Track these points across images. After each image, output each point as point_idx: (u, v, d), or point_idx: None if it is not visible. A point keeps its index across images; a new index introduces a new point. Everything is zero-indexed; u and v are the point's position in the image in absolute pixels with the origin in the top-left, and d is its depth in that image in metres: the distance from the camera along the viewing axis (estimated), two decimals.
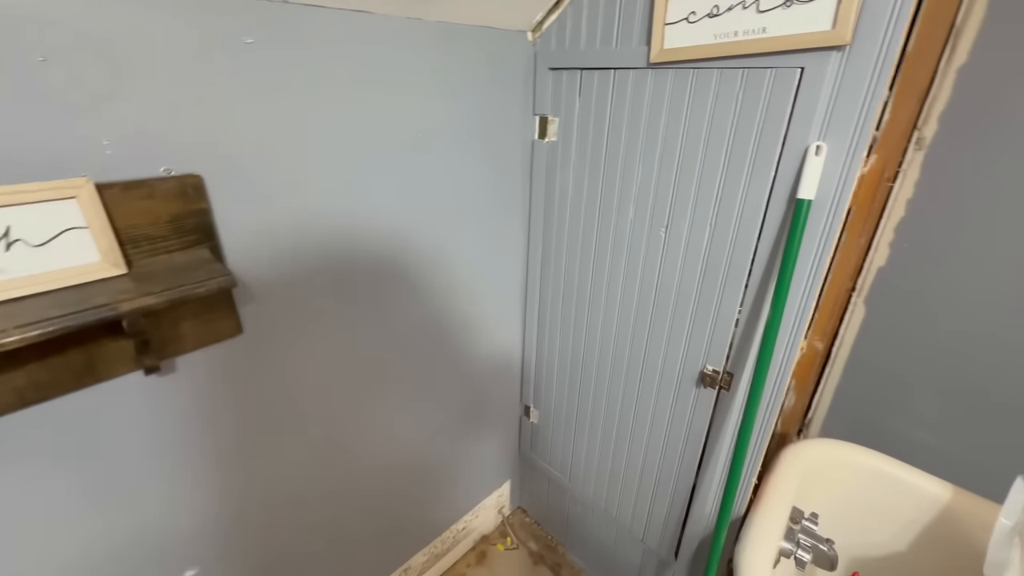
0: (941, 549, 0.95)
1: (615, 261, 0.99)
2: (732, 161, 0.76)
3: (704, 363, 0.89)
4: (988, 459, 1.00)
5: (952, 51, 1.18)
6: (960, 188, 1.22)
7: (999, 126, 1.14)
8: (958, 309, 1.28)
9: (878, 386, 1.48)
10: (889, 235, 1.37)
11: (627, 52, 0.85)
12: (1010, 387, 1.26)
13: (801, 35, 0.65)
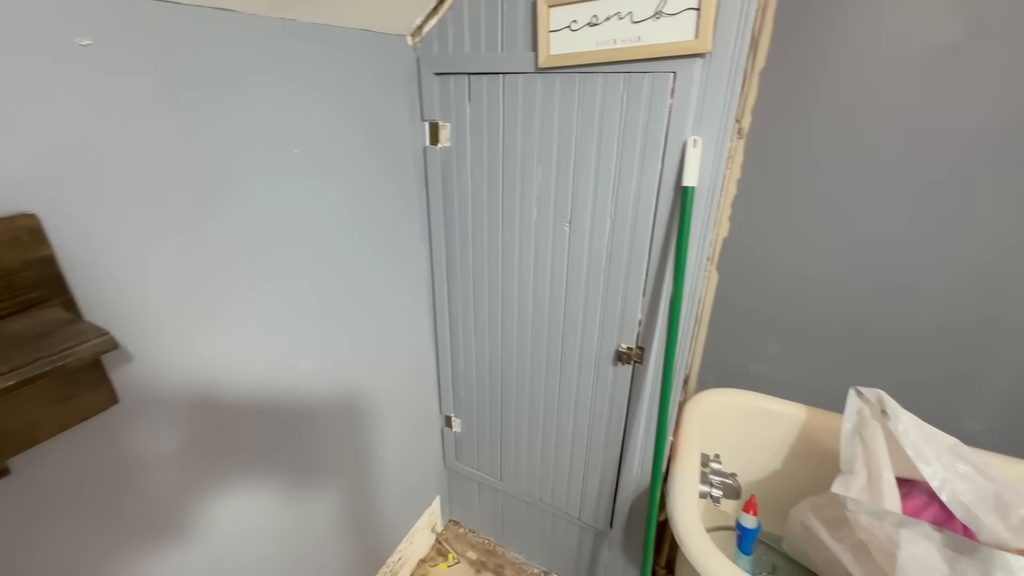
0: (807, 458, 1.17)
1: (524, 259, 1.02)
2: (624, 156, 0.84)
3: (618, 342, 0.97)
4: (827, 380, 1.25)
5: (755, 58, 1.44)
6: (772, 165, 1.50)
7: (792, 115, 1.43)
8: (785, 263, 1.58)
9: (735, 337, 1.76)
10: (728, 210, 1.63)
11: (514, 57, 0.88)
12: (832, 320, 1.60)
13: (671, 44, 0.74)
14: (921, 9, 1.22)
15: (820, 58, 1.36)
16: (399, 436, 1.21)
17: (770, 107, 1.46)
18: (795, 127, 1.45)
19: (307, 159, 0.81)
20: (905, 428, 0.92)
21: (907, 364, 1.52)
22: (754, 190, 1.57)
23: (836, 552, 0.90)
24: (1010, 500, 0.83)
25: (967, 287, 1.38)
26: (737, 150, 1.56)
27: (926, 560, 0.74)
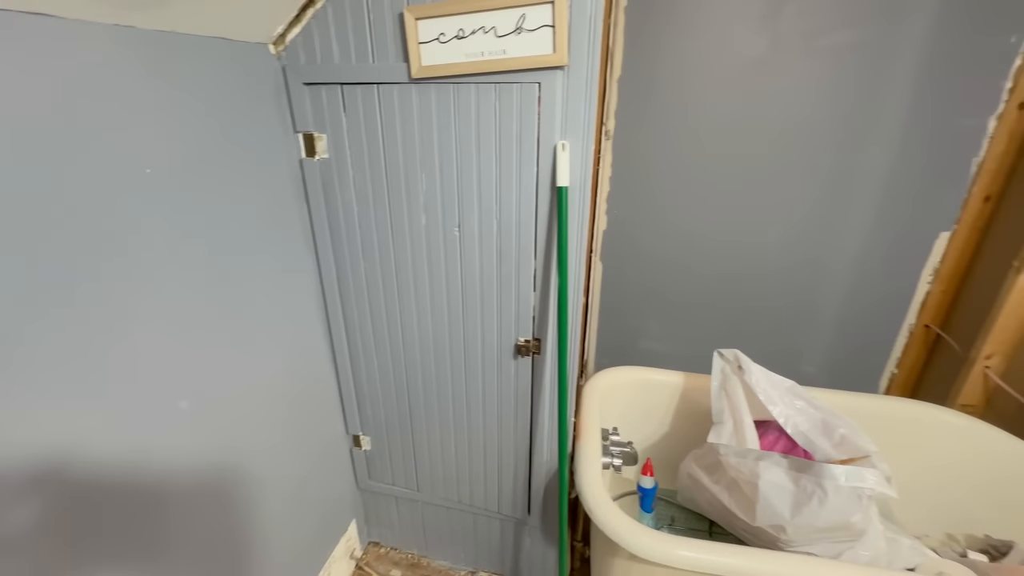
0: (690, 417, 1.34)
1: (417, 266, 1.03)
2: (502, 161, 0.89)
3: (516, 336, 1.02)
4: (699, 347, 1.43)
5: (612, 67, 1.60)
6: (636, 163, 1.69)
7: (646, 117, 1.62)
8: (656, 249, 1.77)
9: (623, 320, 1.93)
10: (604, 206, 1.78)
11: (386, 68, 0.88)
12: (696, 295, 1.82)
13: (533, 57, 0.80)
14: (734, 29, 1.46)
15: (662, 68, 1.55)
16: (301, 468, 1.14)
17: (630, 111, 1.64)
18: (650, 128, 1.64)
19: (162, 178, 0.73)
20: (756, 379, 1.10)
21: (756, 325, 1.80)
22: (625, 186, 1.74)
23: (716, 493, 1.04)
24: (832, 423, 1.04)
25: (792, 255, 1.68)
26: (606, 151, 1.72)
27: (778, 483, 0.90)
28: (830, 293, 1.68)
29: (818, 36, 1.41)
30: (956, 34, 1.33)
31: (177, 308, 0.78)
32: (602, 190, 1.74)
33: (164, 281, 0.75)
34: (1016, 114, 1.35)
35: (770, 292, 1.72)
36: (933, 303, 1.60)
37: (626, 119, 1.62)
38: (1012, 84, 1.35)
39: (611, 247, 1.81)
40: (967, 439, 1.17)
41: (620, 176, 1.70)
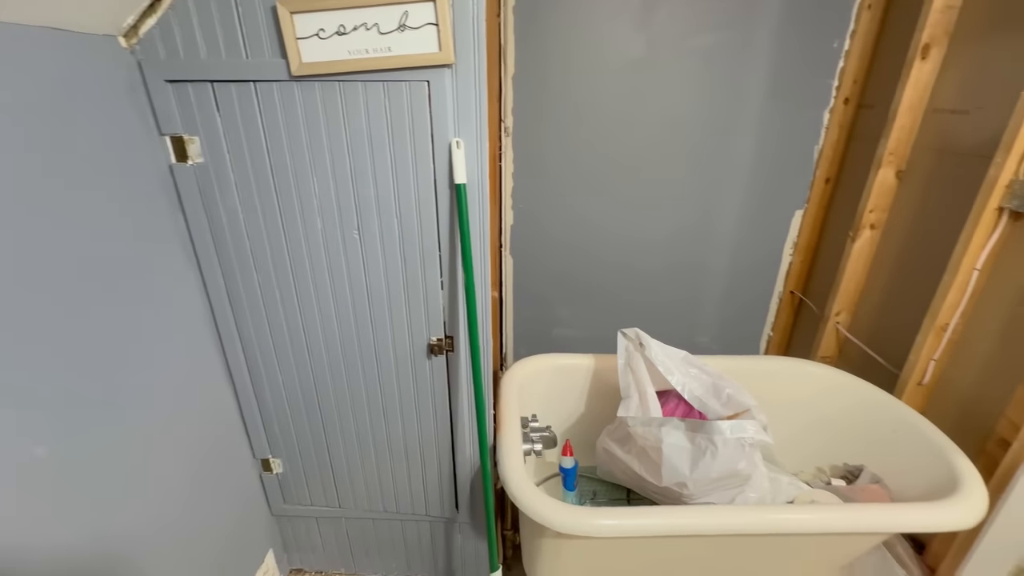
0: (602, 396, 1.42)
1: (318, 273, 0.98)
2: (398, 160, 0.88)
3: (428, 336, 1.02)
4: (606, 329, 1.51)
5: (505, 65, 1.64)
6: (536, 158, 1.75)
7: (541, 113, 1.68)
8: (561, 239, 1.85)
9: (537, 310, 2.00)
10: (510, 201, 1.83)
11: (263, 64, 0.83)
12: (600, 280, 1.93)
13: (419, 55, 0.80)
14: (613, 30, 1.56)
15: (552, 66, 1.62)
16: (201, 505, 1.04)
17: (526, 108, 1.69)
18: (545, 124, 1.71)
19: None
20: (655, 353, 1.20)
21: (654, 302, 1.95)
22: (527, 181, 1.79)
23: (628, 462, 1.12)
24: (720, 385, 1.16)
25: (678, 241, 1.84)
26: (507, 147, 1.75)
27: (678, 444, 0.99)
28: (712, 272, 1.87)
29: (687, 38, 1.56)
30: (794, 39, 1.54)
31: (19, 361, 0.67)
32: (506, 186, 1.78)
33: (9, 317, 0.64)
34: (843, 108, 1.60)
35: (663, 275, 1.88)
36: (795, 272, 1.85)
37: (524, 116, 1.67)
38: (838, 82, 1.59)
39: (520, 241, 1.86)
40: (825, 385, 1.37)
41: (523, 172, 1.75)
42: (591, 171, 1.72)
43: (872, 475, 1.20)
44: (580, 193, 1.76)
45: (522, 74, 1.61)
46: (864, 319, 1.60)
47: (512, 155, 1.74)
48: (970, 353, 1.24)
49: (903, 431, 1.19)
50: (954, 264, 1.20)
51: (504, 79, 1.63)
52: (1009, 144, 1.07)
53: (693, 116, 1.63)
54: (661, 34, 1.54)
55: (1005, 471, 1.11)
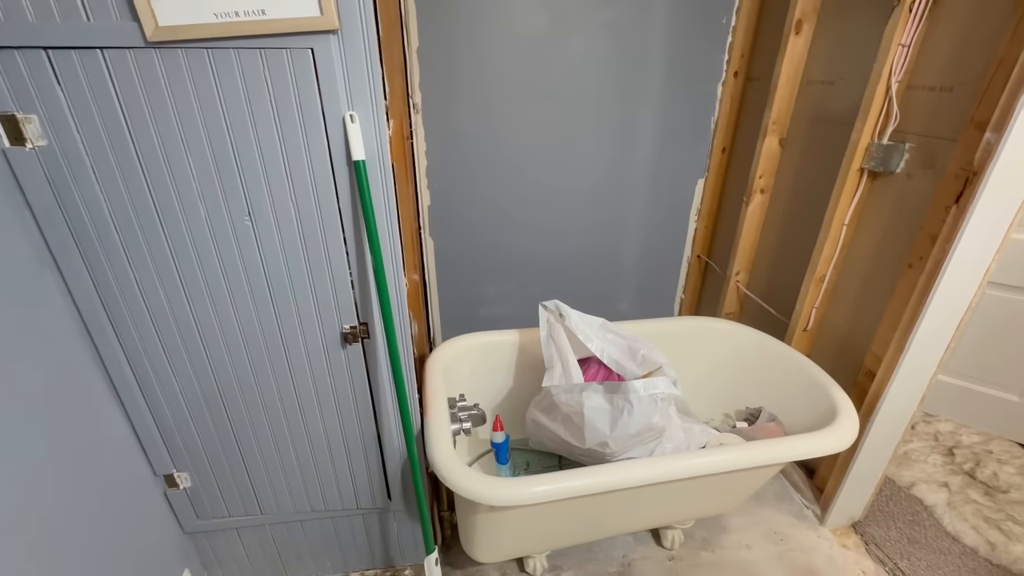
0: (529, 369, 1.44)
1: (207, 265, 0.89)
2: (286, 136, 0.81)
3: (340, 325, 0.96)
4: (532, 303, 1.52)
5: (409, 38, 1.57)
6: (448, 134, 1.70)
7: (449, 87, 1.64)
8: (482, 216, 1.84)
9: (462, 290, 1.98)
10: (425, 180, 1.77)
11: (110, 28, 0.71)
12: (522, 255, 1.95)
13: (298, 19, 0.73)
14: (522, 7, 1.55)
15: (460, 40, 1.58)
16: (95, 542, 0.93)
17: (435, 84, 1.63)
18: (455, 99, 1.66)
19: None
20: (574, 322, 1.23)
21: (575, 276, 2.01)
22: (441, 158, 1.75)
23: (555, 430, 1.16)
24: (635, 347, 1.23)
25: (594, 211, 1.89)
26: (418, 124, 1.69)
27: (598, 406, 1.03)
28: (627, 241, 1.96)
29: (588, 14, 1.58)
30: (687, 15, 1.61)
31: None
32: (420, 165, 1.72)
33: None
34: (733, 81, 1.71)
35: (582, 246, 1.93)
36: (700, 237, 1.98)
37: (434, 92, 1.62)
38: (728, 57, 1.69)
39: (439, 220, 1.82)
40: (729, 338, 1.50)
41: (436, 150, 1.70)
42: (505, 146, 1.71)
43: (769, 414, 1.34)
44: (495, 169, 1.75)
45: (428, 49, 1.55)
46: (759, 276, 1.76)
47: (423, 132, 1.68)
48: (843, 299, 1.41)
49: (792, 372, 1.33)
50: (827, 221, 1.35)
51: (409, 53, 1.56)
52: (866, 111, 1.20)
53: (599, 89, 1.67)
54: (564, 10, 1.54)
55: (872, 398, 1.28)
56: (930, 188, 1.11)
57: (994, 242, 1.06)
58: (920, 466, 1.63)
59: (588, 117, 1.69)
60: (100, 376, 0.96)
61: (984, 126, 0.97)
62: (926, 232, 1.11)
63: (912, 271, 1.15)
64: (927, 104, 1.11)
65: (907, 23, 1.08)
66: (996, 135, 0.95)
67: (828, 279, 1.41)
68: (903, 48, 1.11)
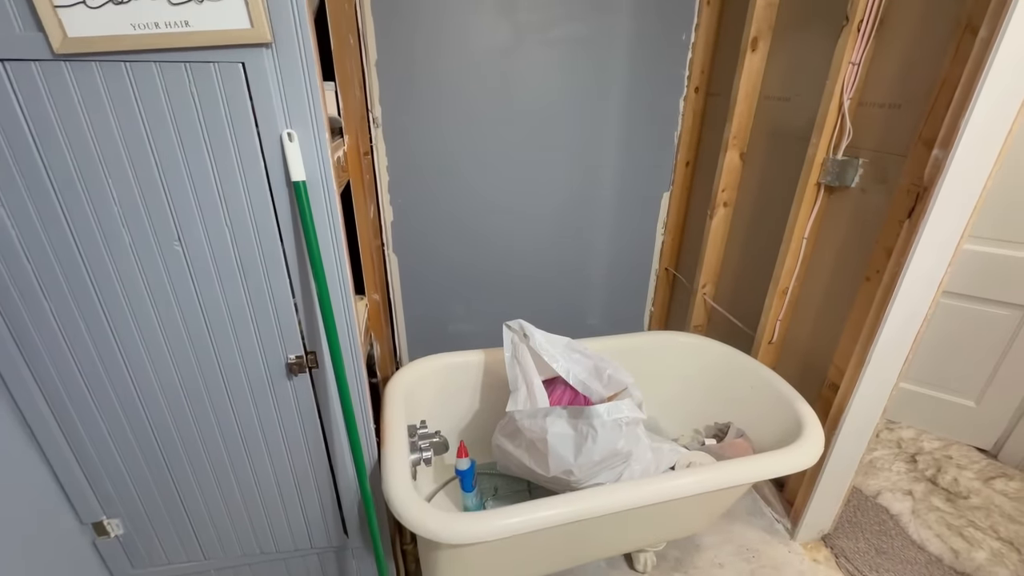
0: (496, 390, 1.40)
1: (134, 296, 0.82)
2: (217, 156, 0.75)
3: (285, 355, 0.90)
4: (500, 320, 1.48)
5: (367, 51, 1.52)
6: (411, 149, 1.66)
7: (411, 101, 1.60)
8: (447, 231, 1.79)
9: (430, 308, 1.93)
10: (388, 196, 1.72)
11: (12, 39, 0.65)
12: (491, 271, 1.91)
13: (227, 31, 0.68)
14: (477, 19, 1.52)
15: (419, 54, 1.54)
16: None
17: (395, 97, 1.59)
18: (417, 114, 1.62)
19: None
20: (539, 342, 1.20)
21: (544, 293, 1.98)
22: (403, 174, 1.70)
23: (519, 457, 1.11)
24: (601, 367, 1.20)
25: (561, 226, 1.87)
26: (378, 139, 1.64)
27: (562, 432, 1.00)
28: (595, 255, 1.94)
29: (550, 28, 1.57)
30: (648, 31, 1.61)
31: None
32: (382, 180, 1.67)
33: None
34: (694, 96, 1.72)
35: (550, 261, 1.90)
36: (667, 250, 1.98)
37: (393, 106, 1.58)
38: (688, 72, 1.70)
39: (403, 237, 1.77)
40: (696, 352, 1.49)
41: (398, 165, 1.65)
42: (469, 160, 1.68)
43: (737, 430, 1.32)
44: (461, 183, 1.71)
45: (387, 62, 1.51)
46: (725, 288, 1.76)
47: (384, 148, 1.63)
48: (805, 312, 1.41)
49: (759, 386, 1.33)
50: (788, 234, 1.36)
51: (367, 67, 1.51)
52: (821, 127, 1.21)
53: (563, 104, 1.66)
54: (524, 26, 1.53)
55: (836, 410, 1.28)
56: (884, 202, 1.13)
57: (946, 254, 1.08)
58: (885, 474, 1.65)
59: (553, 131, 1.68)
60: (12, 417, 0.87)
61: (932, 143, 0.99)
62: (881, 246, 1.12)
63: (870, 284, 1.16)
64: (878, 121, 1.13)
65: (856, 42, 1.10)
66: (943, 151, 0.96)
67: (791, 292, 1.42)
68: (853, 66, 1.13)
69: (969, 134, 0.93)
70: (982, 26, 0.88)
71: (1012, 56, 0.87)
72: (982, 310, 1.64)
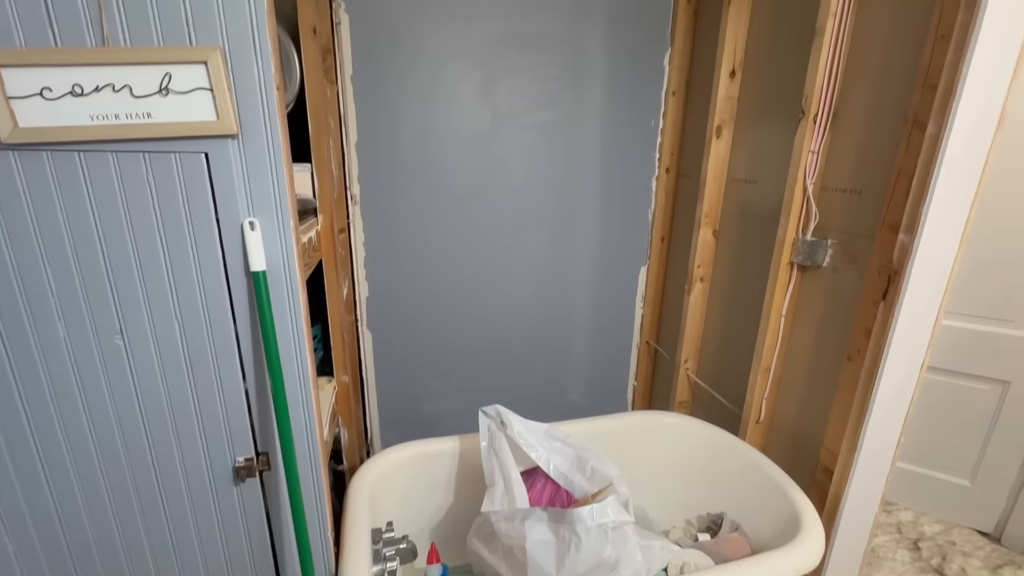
0: (472, 482, 1.29)
1: (63, 396, 0.73)
2: (171, 245, 0.71)
3: (233, 458, 0.81)
4: (480, 398, 1.39)
5: (347, 134, 1.55)
6: (388, 225, 1.66)
7: (391, 180, 1.61)
8: (424, 306, 1.75)
9: (404, 385, 1.83)
10: (363, 271, 1.69)
11: None
12: (470, 347, 1.85)
13: (191, 123, 0.66)
14: (459, 105, 1.59)
15: (401, 135, 1.58)
16: None
17: (372, 175, 1.61)
18: (397, 192, 1.64)
19: None
20: (517, 430, 1.12)
21: (525, 365, 1.92)
22: (380, 250, 1.68)
23: (495, 565, 1.00)
24: (584, 457, 1.12)
25: (541, 301, 1.85)
26: (356, 216, 1.64)
27: (543, 539, 0.90)
28: (575, 330, 1.91)
29: (528, 114, 1.64)
30: (620, 116, 1.70)
31: None
32: (358, 256, 1.65)
33: None
34: (666, 176, 1.78)
35: (529, 336, 1.86)
36: (648, 324, 1.97)
37: (372, 184, 1.59)
38: (659, 155, 1.78)
39: (378, 312, 1.71)
40: (682, 434, 1.42)
41: (374, 240, 1.64)
42: (446, 237, 1.68)
43: (732, 523, 1.23)
44: (438, 259, 1.70)
45: (367, 143, 1.54)
46: (708, 363, 1.73)
47: (362, 224, 1.63)
48: (790, 390, 1.38)
49: (750, 472, 1.25)
50: (766, 312, 1.35)
51: (347, 148, 1.54)
52: (788, 209, 1.24)
53: (540, 184, 1.70)
54: (503, 111, 1.60)
55: (833, 500, 1.20)
56: (857, 281, 1.14)
57: (925, 335, 1.07)
58: (890, 564, 1.54)
59: (530, 208, 1.70)
60: None
61: (896, 227, 1.01)
62: (860, 326, 1.11)
63: (852, 364, 1.14)
64: (842, 204, 1.17)
65: (813, 133, 1.16)
66: (909, 236, 0.99)
67: (774, 370, 1.39)
68: (813, 154, 1.18)
69: (931, 221, 0.96)
70: (929, 122, 0.94)
71: (962, 150, 0.92)
72: (964, 385, 1.64)
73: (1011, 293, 1.53)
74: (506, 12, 1.51)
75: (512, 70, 1.56)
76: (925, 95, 0.94)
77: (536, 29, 1.54)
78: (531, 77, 1.58)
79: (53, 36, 0.62)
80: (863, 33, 1.09)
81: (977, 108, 0.89)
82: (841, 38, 1.10)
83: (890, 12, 1.03)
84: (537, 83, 1.59)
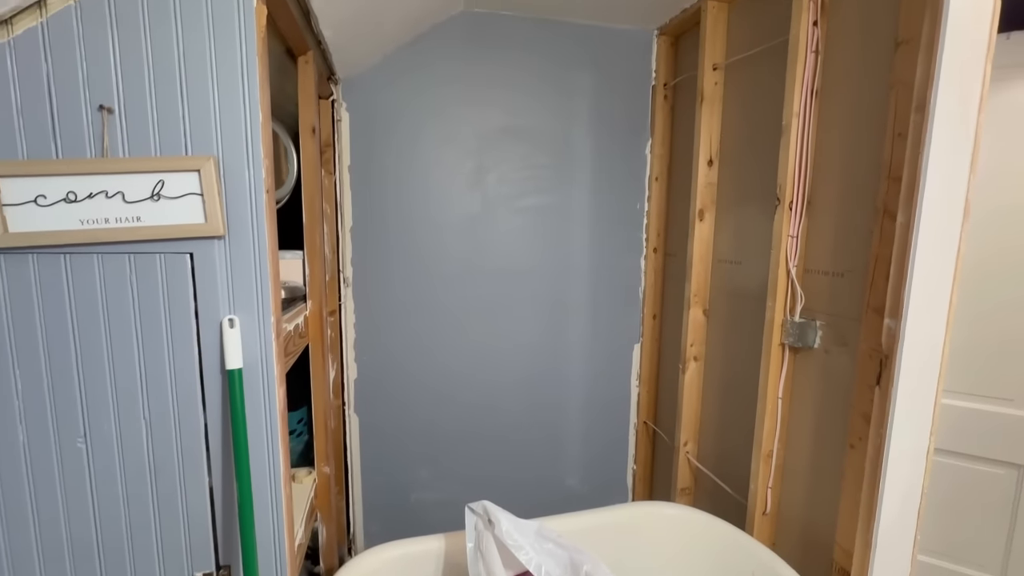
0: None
1: (12, 504, 0.69)
2: (148, 346, 0.70)
3: (191, 572, 0.74)
4: (471, 488, 1.32)
5: (343, 219, 1.60)
6: (377, 308, 1.66)
7: (381, 264, 1.64)
8: (413, 391, 1.71)
9: (390, 475, 1.75)
10: (352, 353, 1.67)
11: None
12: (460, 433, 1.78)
13: (179, 226, 0.68)
14: (451, 192, 1.66)
15: (394, 221, 1.64)
16: None
17: (364, 258, 1.64)
18: (389, 275, 1.66)
19: None
20: (506, 529, 1.04)
21: (519, 449, 1.84)
22: (371, 332, 1.68)
23: None
24: (578, 561, 1.03)
25: (533, 384, 1.82)
26: (347, 298, 1.65)
27: None
28: (570, 409, 1.85)
29: (518, 199, 1.71)
30: (605, 200, 1.77)
31: None
32: (348, 338, 1.64)
33: None
34: (654, 256, 1.82)
35: (522, 421, 1.80)
36: (644, 403, 1.91)
37: (364, 267, 1.62)
38: (646, 236, 1.83)
39: (366, 395, 1.67)
40: (685, 528, 1.32)
41: (365, 323, 1.64)
42: (436, 320, 1.68)
43: None
44: (430, 342, 1.68)
45: (362, 228, 1.59)
46: (707, 445, 1.66)
47: (353, 306, 1.63)
48: (795, 478, 1.31)
49: (761, 574, 1.15)
50: (762, 394, 1.32)
51: (342, 233, 1.59)
52: (774, 291, 1.25)
53: (531, 266, 1.73)
54: (494, 197, 1.67)
55: None
56: (850, 363, 1.12)
57: (926, 420, 1.04)
58: None
59: (522, 290, 1.72)
60: None
61: (881, 311, 1.01)
62: (858, 412, 1.08)
63: (856, 452, 1.09)
64: (826, 286, 1.18)
65: (790, 218, 1.20)
66: (895, 321, 0.99)
67: (776, 455, 1.33)
68: (792, 238, 1.21)
69: (914, 306, 0.96)
70: (898, 212, 0.97)
71: (933, 239, 0.94)
72: (978, 469, 1.56)
73: (1004, 370, 1.51)
74: (498, 107, 1.63)
75: (503, 159, 1.65)
76: (891, 187, 0.98)
77: (526, 122, 1.65)
78: (521, 165, 1.67)
79: (55, 148, 0.65)
80: (827, 129, 1.16)
81: (942, 199, 0.93)
82: (806, 133, 1.18)
83: (850, 111, 1.11)
84: (527, 170, 1.67)
